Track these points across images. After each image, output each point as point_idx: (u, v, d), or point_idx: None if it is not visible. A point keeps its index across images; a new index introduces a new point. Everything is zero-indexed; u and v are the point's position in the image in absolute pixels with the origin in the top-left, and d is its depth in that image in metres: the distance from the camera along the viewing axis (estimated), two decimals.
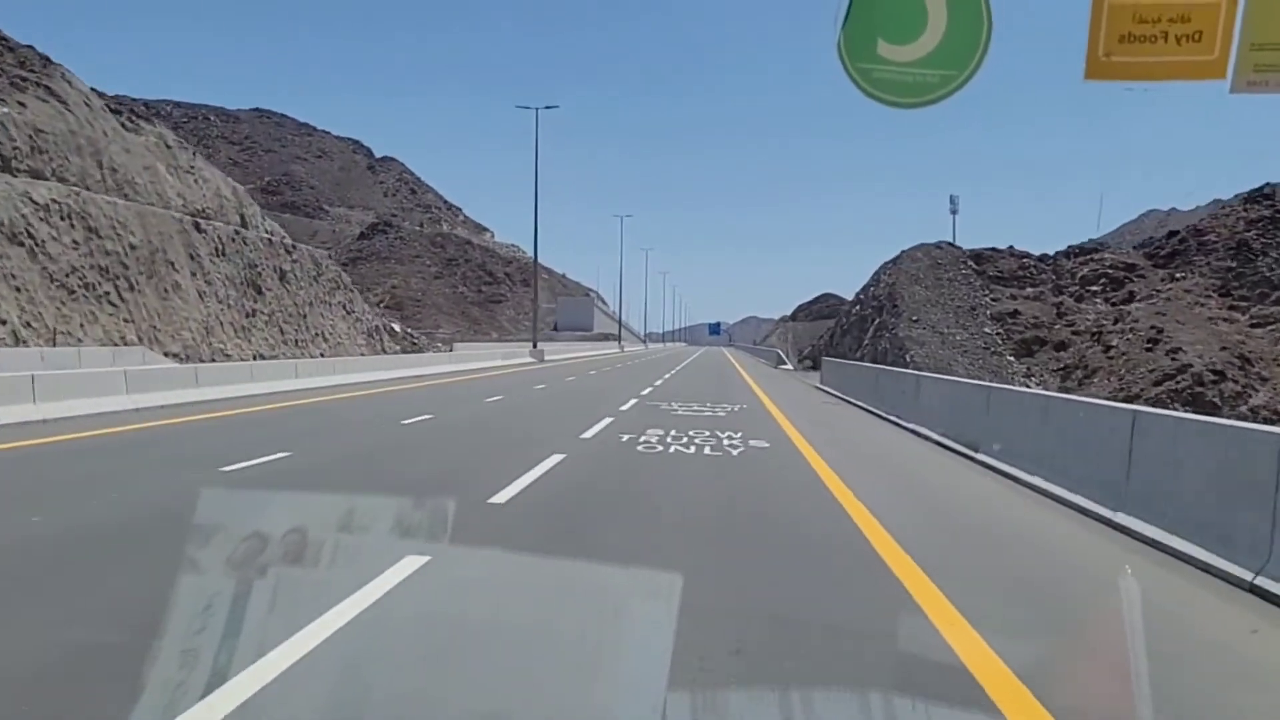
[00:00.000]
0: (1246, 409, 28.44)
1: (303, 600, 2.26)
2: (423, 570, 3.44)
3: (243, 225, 51.38)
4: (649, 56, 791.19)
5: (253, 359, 42.49)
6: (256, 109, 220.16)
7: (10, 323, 30.38)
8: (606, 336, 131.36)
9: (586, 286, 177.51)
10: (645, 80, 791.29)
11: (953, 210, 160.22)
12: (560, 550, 6.35)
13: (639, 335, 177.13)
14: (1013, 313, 41.78)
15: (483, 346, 63.21)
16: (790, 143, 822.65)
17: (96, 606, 5.10)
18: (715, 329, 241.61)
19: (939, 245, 50.98)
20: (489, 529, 7.12)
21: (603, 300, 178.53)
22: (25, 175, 34.45)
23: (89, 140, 39.25)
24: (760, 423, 17.19)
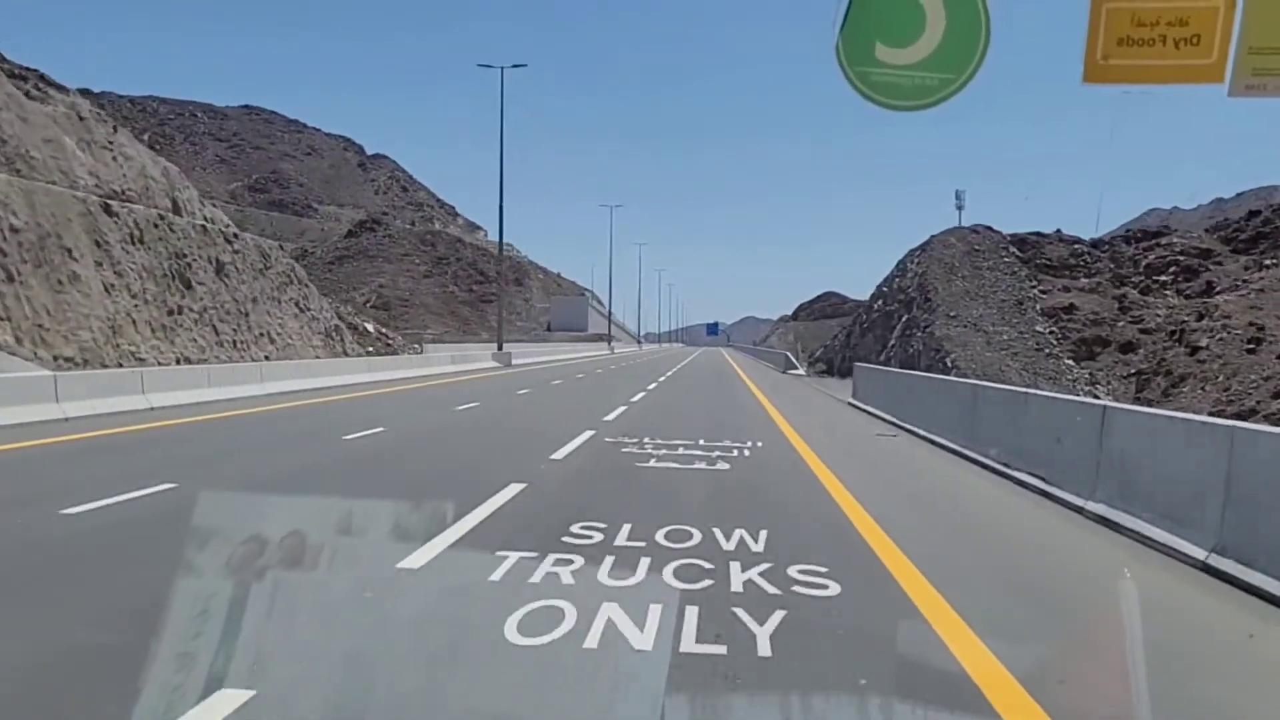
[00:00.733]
0: None
1: None
2: None
3: (174, 210, 44.12)
4: (648, 56, 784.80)
5: (175, 363, 35.62)
6: (245, 106, 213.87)
7: None
8: (600, 337, 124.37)
9: (583, 286, 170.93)
10: (644, 80, 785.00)
11: (958, 205, 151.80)
12: None
13: (634, 335, 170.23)
14: (1067, 307, 35.01)
15: (452, 348, 55.85)
16: (789, 142, 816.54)
17: None
18: (713, 329, 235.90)
19: (974, 229, 44.15)
20: None
21: (599, 301, 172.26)
22: None
23: None
24: (799, 498, 9.26)
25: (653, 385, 28.90)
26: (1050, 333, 34.44)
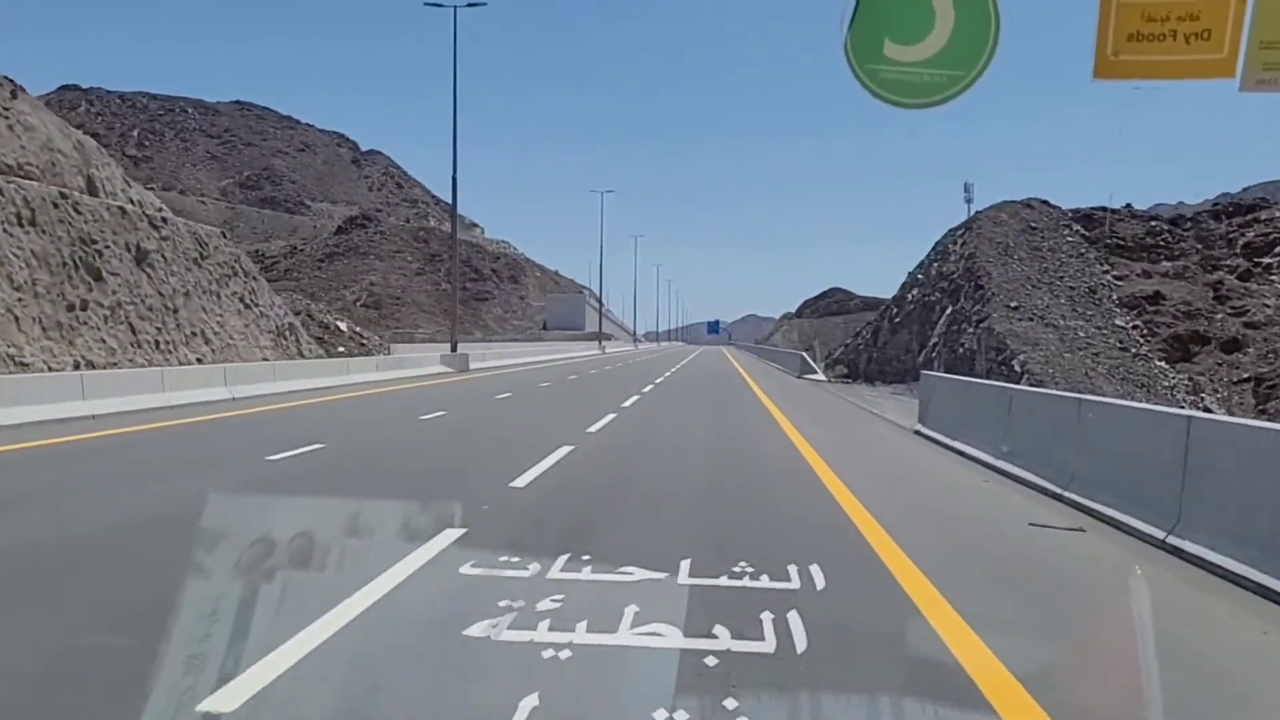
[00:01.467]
0: None
1: None
2: None
3: (89, 190, 37.15)
4: (647, 55, 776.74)
5: (74, 367, 29.06)
6: (238, 102, 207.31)
7: None
8: (598, 335, 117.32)
9: (580, 284, 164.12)
10: (644, 80, 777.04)
11: (967, 199, 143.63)
12: None
13: (632, 334, 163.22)
14: (1151, 296, 28.36)
15: (417, 349, 48.76)
16: (791, 140, 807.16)
17: None
18: (714, 327, 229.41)
19: (1027, 204, 37.34)
20: None
21: (597, 300, 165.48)
22: None
23: None
24: None
25: (630, 401, 20.86)
26: (1133, 327, 27.79)
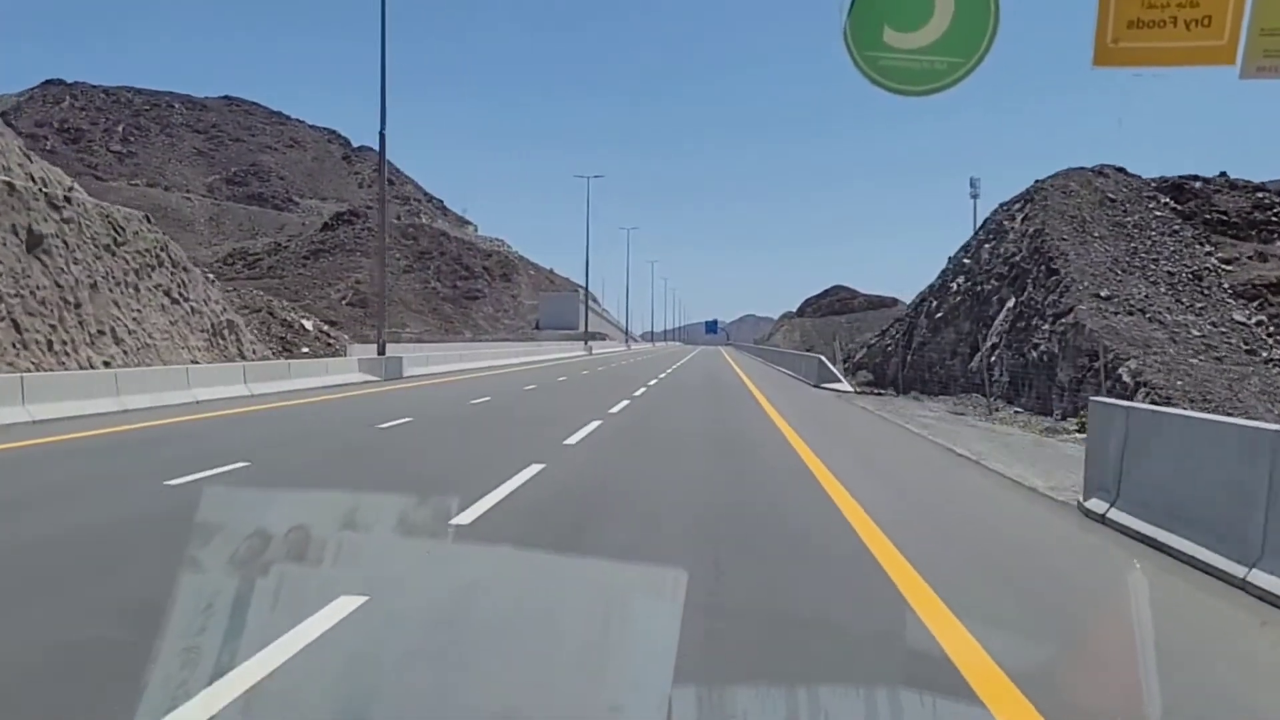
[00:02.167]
0: None
1: None
2: None
3: None
4: (646, 54, 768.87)
5: None
6: (226, 97, 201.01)
7: None
8: (594, 335, 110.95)
9: (576, 283, 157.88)
10: (643, 78, 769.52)
11: (973, 194, 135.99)
12: None
13: (630, 333, 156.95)
14: (1275, 284, 22.17)
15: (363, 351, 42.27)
16: (788, 139, 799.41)
17: None
18: (712, 327, 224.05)
19: (1100, 170, 31.10)
20: None
21: (595, 299, 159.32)
22: None
23: None
24: None
25: (581, 434, 13.79)
26: (1257, 323, 21.62)
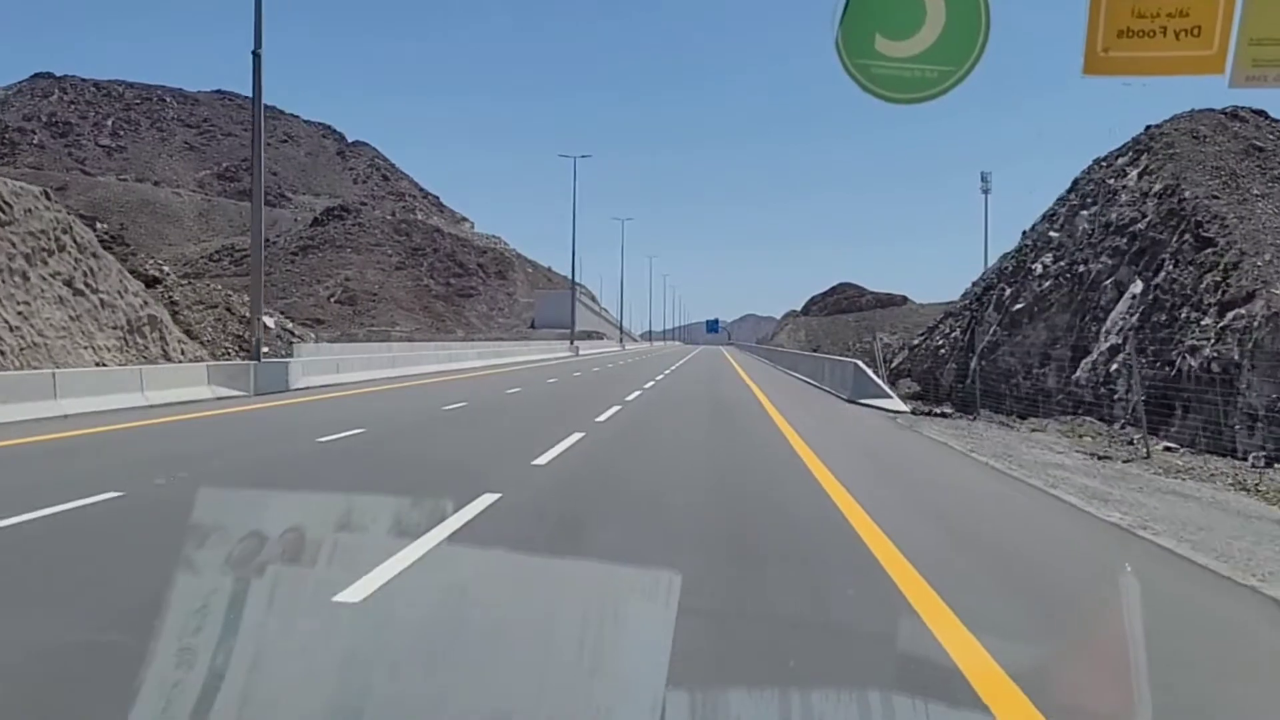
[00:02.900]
0: None
1: None
2: None
3: None
4: (647, 52, 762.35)
5: None
6: (218, 91, 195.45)
7: None
8: (590, 334, 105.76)
9: (574, 282, 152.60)
10: (640, 76, 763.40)
11: (985, 189, 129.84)
12: None
13: (623, 332, 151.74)
14: None
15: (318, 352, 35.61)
16: (789, 139, 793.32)
17: None
18: (713, 326, 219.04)
19: (1233, 113, 25.34)
20: None
21: (593, 298, 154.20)
22: None
23: None
24: None
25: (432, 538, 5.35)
26: None
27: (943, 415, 18.75)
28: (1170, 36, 3.55)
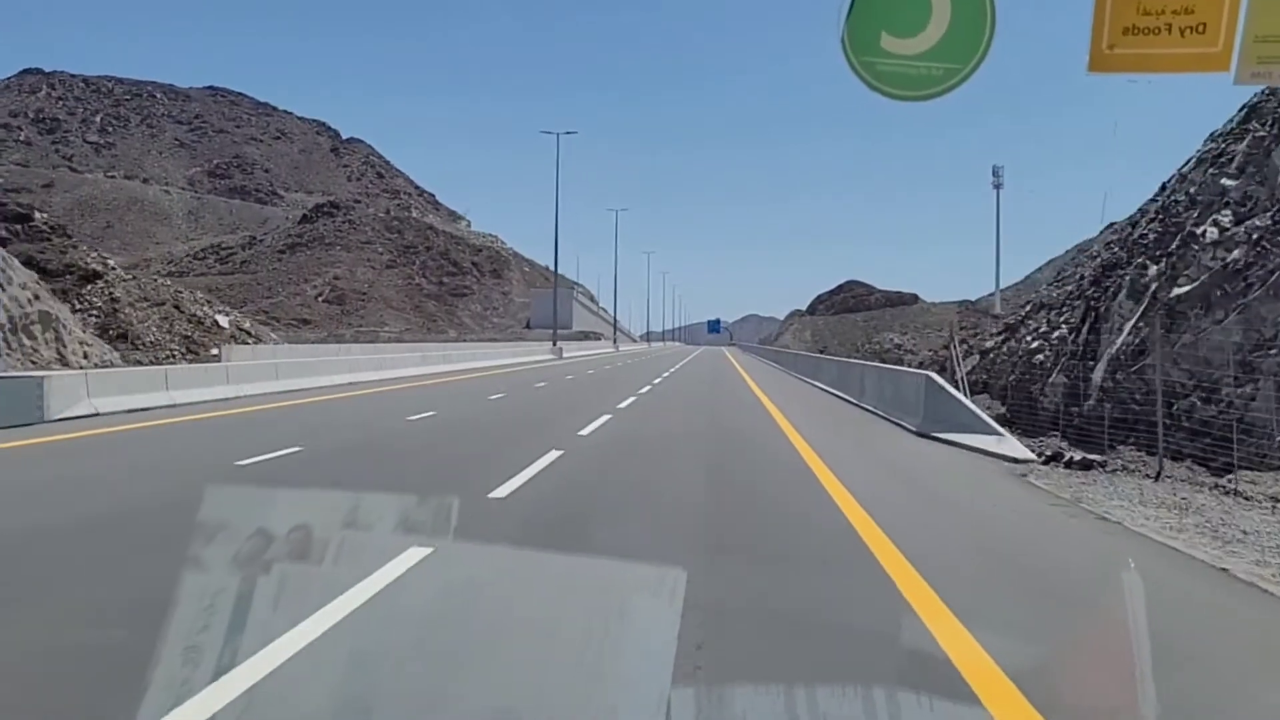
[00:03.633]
0: None
1: None
2: None
3: None
4: (647, 50, 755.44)
5: None
6: (210, 87, 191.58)
7: None
8: (587, 335, 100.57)
9: (572, 280, 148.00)
10: (641, 74, 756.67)
11: (996, 184, 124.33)
12: None
13: (618, 331, 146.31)
14: None
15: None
16: (790, 138, 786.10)
17: None
18: (715, 326, 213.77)
19: None
20: None
21: (591, 297, 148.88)
22: None
23: None
24: None
25: None
26: None
27: (1089, 465, 10.13)
28: (1175, 33, 3.52)
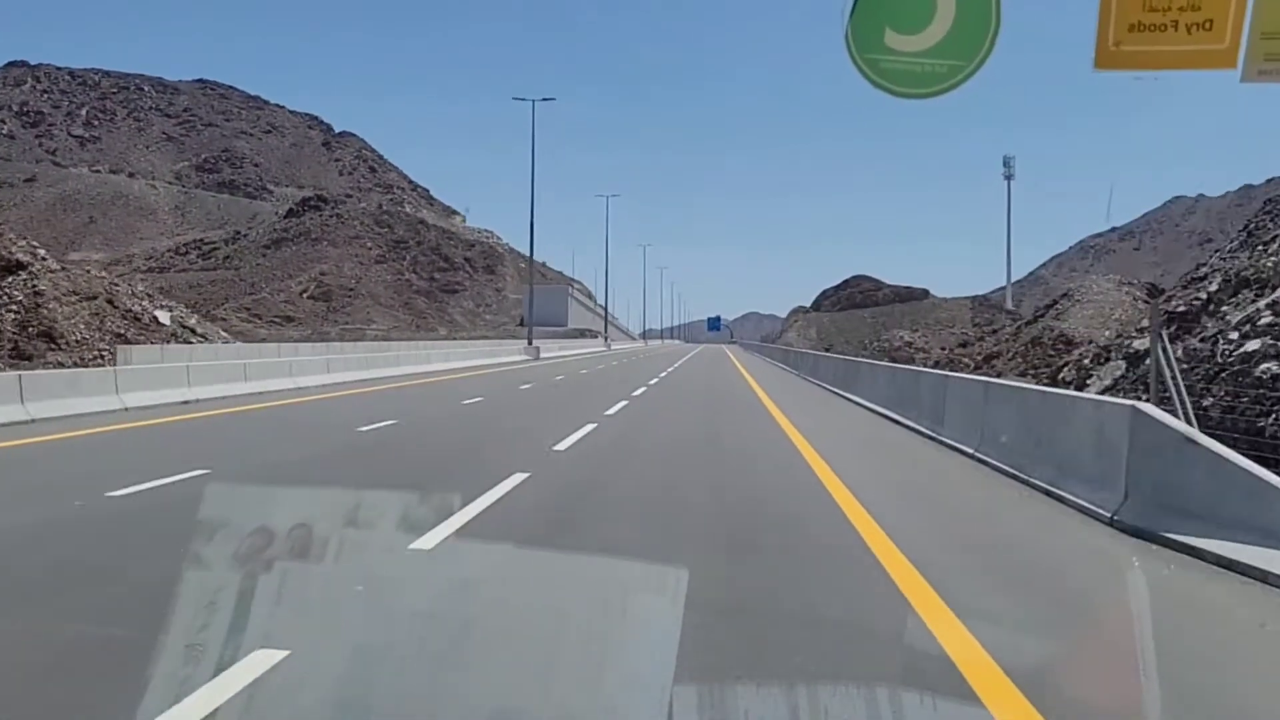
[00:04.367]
0: None
1: None
2: None
3: None
4: (648, 49, 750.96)
5: None
6: (199, 80, 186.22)
7: None
8: (583, 333, 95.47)
9: (570, 277, 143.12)
10: (640, 74, 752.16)
11: (1007, 175, 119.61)
12: None
13: (624, 329, 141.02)
14: None
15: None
16: (792, 137, 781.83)
17: None
18: (715, 324, 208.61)
19: None
20: None
21: (589, 294, 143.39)
22: None
23: None
24: None
25: None
26: None
27: None
28: (1182, 30, 3.45)
